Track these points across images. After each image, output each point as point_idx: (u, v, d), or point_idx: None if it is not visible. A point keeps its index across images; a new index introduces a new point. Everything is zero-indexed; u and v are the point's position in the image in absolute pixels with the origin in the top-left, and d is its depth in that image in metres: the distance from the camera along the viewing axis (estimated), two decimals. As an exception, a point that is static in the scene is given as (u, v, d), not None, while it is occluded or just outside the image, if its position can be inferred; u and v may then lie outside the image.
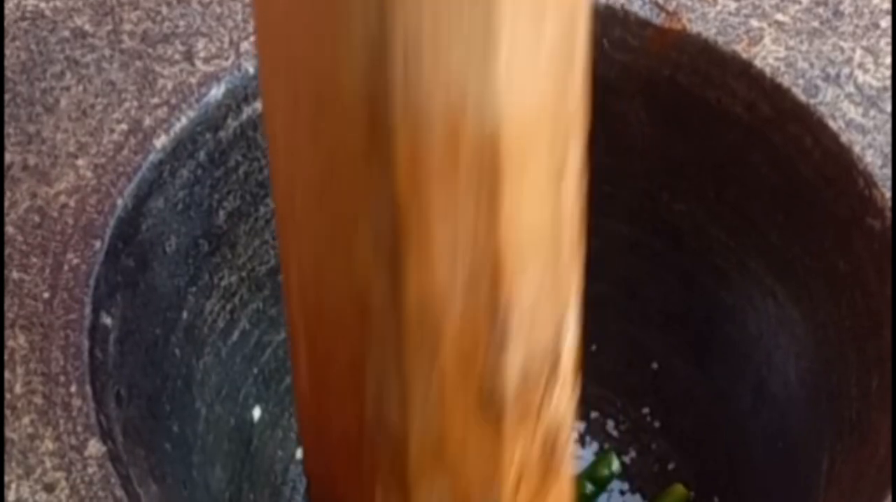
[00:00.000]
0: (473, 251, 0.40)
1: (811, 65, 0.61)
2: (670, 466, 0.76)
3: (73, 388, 0.53)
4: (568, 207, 0.42)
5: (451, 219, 0.39)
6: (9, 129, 0.59)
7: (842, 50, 0.61)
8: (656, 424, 0.76)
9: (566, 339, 0.46)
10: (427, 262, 0.40)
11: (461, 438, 0.46)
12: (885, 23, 0.61)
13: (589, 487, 0.75)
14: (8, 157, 0.58)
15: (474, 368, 0.44)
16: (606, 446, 0.76)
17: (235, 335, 0.67)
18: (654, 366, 0.75)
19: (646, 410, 0.76)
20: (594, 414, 0.76)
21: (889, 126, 0.59)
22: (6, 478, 0.51)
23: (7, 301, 0.55)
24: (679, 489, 0.74)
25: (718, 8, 0.62)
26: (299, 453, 0.74)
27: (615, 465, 0.76)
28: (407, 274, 0.41)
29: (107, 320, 0.56)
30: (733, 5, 0.62)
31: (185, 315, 0.63)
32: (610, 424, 0.76)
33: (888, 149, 0.58)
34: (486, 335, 0.43)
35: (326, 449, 0.51)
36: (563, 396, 0.47)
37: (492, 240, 0.40)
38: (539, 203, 0.41)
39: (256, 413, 0.70)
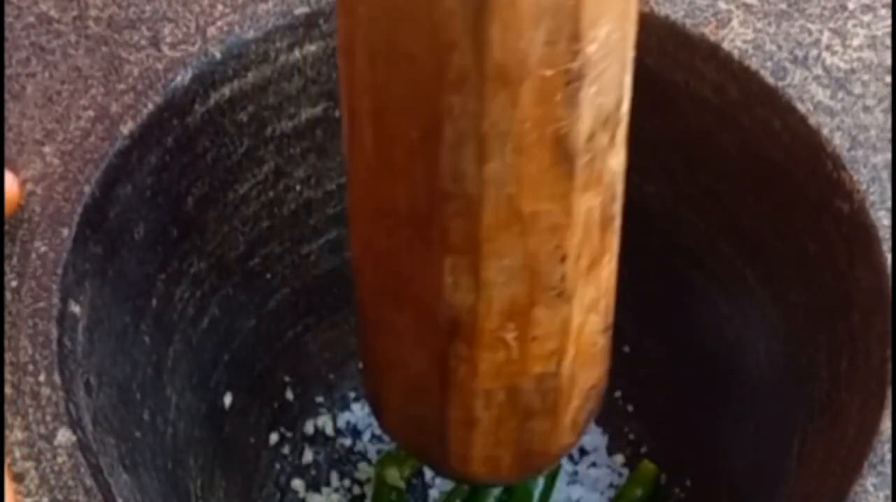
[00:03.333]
0: (556, 5, 0.42)
1: (779, 47, 0.61)
2: (643, 449, 0.76)
3: (41, 377, 0.53)
4: None
5: None
6: (-26, 117, 0.58)
7: (809, 32, 0.61)
8: (629, 407, 0.76)
9: (623, 107, 0.48)
10: (512, 21, 0.42)
11: (536, 190, 0.47)
12: (853, 4, 0.61)
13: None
14: (-27, 145, 0.57)
15: (551, 121, 0.45)
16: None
17: (205, 322, 0.67)
18: (626, 349, 0.75)
19: (618, 393, 0.76)
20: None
21: (857, 108, 0.59)
22: (-25, 468, 0.51)
23: (-26, 290, 0.55)
24: (647, 466, 0.74)
25: (687, -10, 0.62)
26: (272, 439, 0.74)
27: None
28: (491, 34, 0.42)
29: (75, 308, 0.56)
30: (701, -13, 0.62)
31: (154, 302, 0.62)
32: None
33: (856, 132, 0.58)
34: (563, 87, 0.44)
35: (389, 235, 0.51)
36: (618, 164, 0.50)
37: None
38: None
39: (228, 400, 0.70)
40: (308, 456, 0.76)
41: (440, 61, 0.44)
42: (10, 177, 0.56)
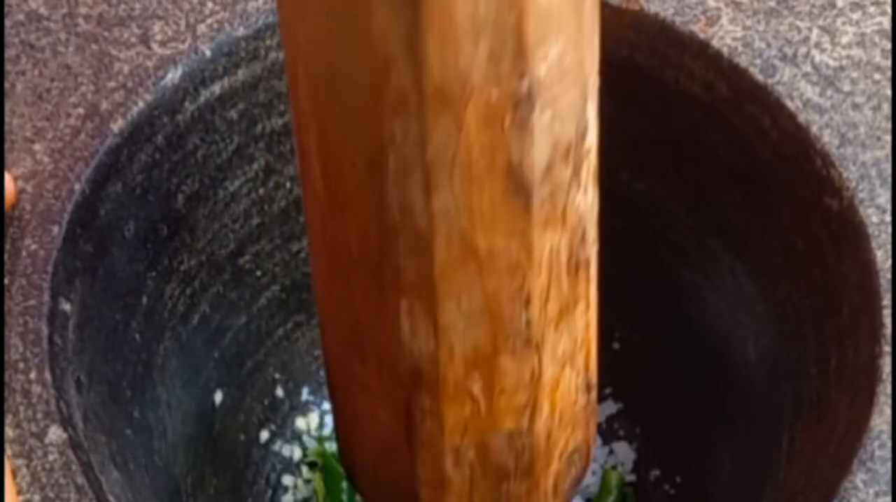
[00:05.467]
0: (496, 19, 0.40)
1: (768, 44, 0.61)
2: (632, 445, 0.76)
3: (32, 375, 0.53)
4: None
5: None
6: (-36, 115, 0.58)
7: (798, 30, 0.61)
8: (618, 404, 0.77)
9: (587, 140, 0.45)
10: (449, 35, 0.40)
11: (490, 224, 0.45)
12: (842, 2, 0.62)
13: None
14: (-37, 143, 0.57)
15: (501, 149, 0.43)
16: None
17: (196, 319, 0.67)
18: (615, 345, 0.75)
19: (607, 390, 0.76)
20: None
21: (846, 105, 0.59)
22: (-34, 467, 0.51)
23: (-36, 288, 0.55)
24: (610, 473, 0.74)
25: (676, -12, 0.62)
26: (263, 436, 0.74)
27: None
28: (428, 49, 0.40)
29: (66, 306, 0.56)
30: (691, -15, 0.62)
31: (144, 300, 0.62)
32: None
33: (845, 129, 0.59)
34: (511, 111, 0.42)
35: (345, 280, 0.49)
36: (586, 204, 0.47)
37: (514, 7, 0.40)
38: None
39: (218, 397, 0.70)
40: (298, 452, 0.76)
41: (378, 82, 0.41)
42: (4, 176, 0.56)
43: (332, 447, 0.75)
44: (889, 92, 0.59)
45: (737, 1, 0.62)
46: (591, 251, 0.49)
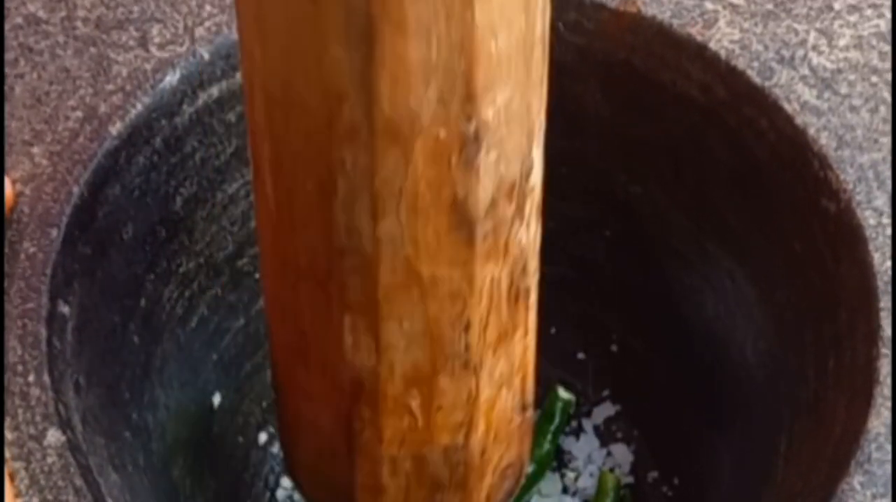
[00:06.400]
0: (447, 64, 0.41)
1: (765, 47, 0.61)
2: (630, 448, 0.76)
3: (31, 378, 0.53)
4: (538, 29, 0.43)
5: (424, 32, 0.40)
6: (-37, 118, 0.58)
7: (796, 32, 0.61)
8: (616, 406, 0.77)
9: (531, 179, 0.47)
10: (401, 76, 0.41)
11: (434, 253, 0.46)
12: (839, 5, 0.62)
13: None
14: (-38, 146, 0.58)
15: (447, 184, 0.44)
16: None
17: (194, 321, 0.67)
18: (614, 348, 0.75)
19: (606, 392, 0.76)
20: (554, 397, 0.77)
21: (843, 108, 0.59)
22: (-36, 469, 0.51)
23: (-37, 290, 0.55)
24: (607, 475, 0.74)
25: (674, -10, 0.62)
26: (261, 438, 0.74)
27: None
28: (380, 87, 0.41)
29: (64, 309, 0.56)
30: (688, -12, 0.62)
31: (143, 302, 0.62)
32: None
33: (843, 132, 0.59)
34: (458, 150, 0.43)
35: (292, 289, 0.50)
36: (528, 237, 0.49)
37: (465, 54, 0.41)
38: (510, 18, 0.42)
39: (216, 399, 0.70)
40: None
41: (331, 112, 0.42)
42: (7, 180, 0.56)
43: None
44: (886, 94, 0.59)
45: (734, 3, 0.62)
46: (532, 281, 0.51)
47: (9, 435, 0.52)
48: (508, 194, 0.46)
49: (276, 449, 0.75)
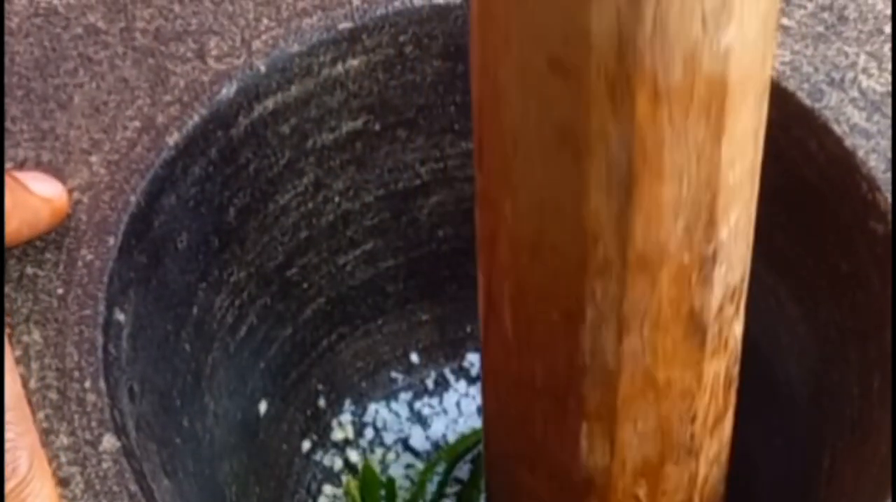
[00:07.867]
0: (694, 199, 0.44)
1: (816, 69, 0.61)
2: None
3: (87, 384, 0.54)
4: (760, 152, 0.47)
5: (678, 174, 0.43)
6: (22, 126, 0.59)
7: (846, 55, 0.62)
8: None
9: (746, 278, 0.51)
10: (654, 215, 0.44)
11: (670, 360, 0.50)
12: (889, 28, 0.62)
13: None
14: (21, 154, 0.58)
15: (686, 300, 0.48)
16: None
17: (243, 330, 0.67)
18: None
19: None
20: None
21: (892, 130, 0.59)
22: (23, 473, 0.51)
23: (21, 296, 0.55)
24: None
25: (724, 11, 0.63)
26: (304, 446, 0.75)
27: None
28: (634, 227, 0.44)
29: (120, 316, 0.57)
30: (739, 8, 0.63)
31: (195, 310, 0.63)
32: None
33: (891, 154, 0.59)
34: (698, 269, 0.47)
35: (525, 404, 0.54)
36: (740, 329, 0.53)
37: (710, 188, 0.44)
38: (744, 150, 0.45)
39: (263, 407, 0.71)
40: (338, 463, 0.77)
41: (584, 252, 0.45)
42: (58, 187, 0.57)
43: (371, 456, 0.75)
44: (935, 118, 0.60)
45: (785, 25, 0.62)
46: (738, 367, 0.55)
47: (65, 441, 0.53)
48: (731, 298, 0.50)
49: (318, 457, 0.76)
